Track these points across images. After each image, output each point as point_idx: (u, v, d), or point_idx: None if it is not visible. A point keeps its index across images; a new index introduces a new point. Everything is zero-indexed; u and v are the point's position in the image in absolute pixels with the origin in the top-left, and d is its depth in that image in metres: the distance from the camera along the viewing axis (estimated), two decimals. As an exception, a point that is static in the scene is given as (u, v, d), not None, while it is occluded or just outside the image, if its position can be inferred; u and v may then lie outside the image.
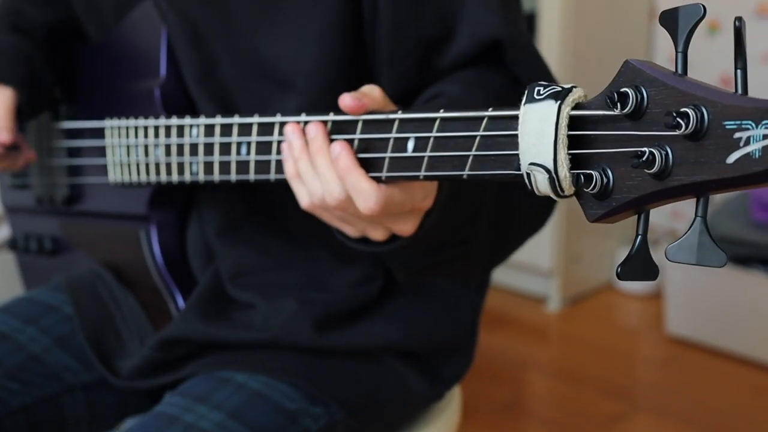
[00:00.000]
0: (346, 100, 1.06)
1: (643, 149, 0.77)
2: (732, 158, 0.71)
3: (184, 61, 1.34)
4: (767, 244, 3.11)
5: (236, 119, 1.20)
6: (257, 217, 1.37)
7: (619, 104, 0.79)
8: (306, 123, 1.11)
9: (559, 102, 0.85)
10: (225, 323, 1.36)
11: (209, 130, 1.23)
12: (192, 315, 1.36)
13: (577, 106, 0.85)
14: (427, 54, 1.26)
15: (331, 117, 1.09)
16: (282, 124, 1.14)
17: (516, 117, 0.89)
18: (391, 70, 1.26)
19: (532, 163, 0.86)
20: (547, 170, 0.85)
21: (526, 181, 0.88)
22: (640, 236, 0.82)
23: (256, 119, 1.17)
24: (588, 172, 0.83)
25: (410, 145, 1.01)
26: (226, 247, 1.38)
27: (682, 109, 0.74)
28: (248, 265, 1.38)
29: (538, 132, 0.85)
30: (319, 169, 1.08)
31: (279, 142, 1.14)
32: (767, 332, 3.12)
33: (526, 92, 0.88)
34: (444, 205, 1.11)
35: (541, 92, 0.86)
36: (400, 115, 1.02)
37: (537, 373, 3.25)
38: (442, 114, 0.98)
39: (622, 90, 0.79)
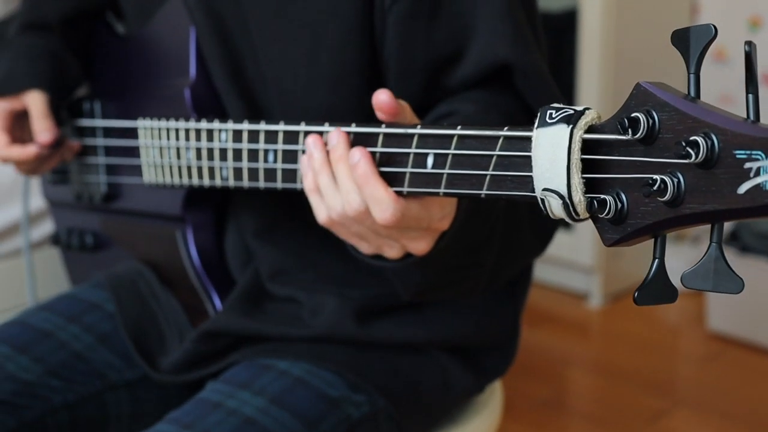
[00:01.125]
0: (383, 96, 1.05)
1: (654, 177, 0.76)
2: (743, 189, 0.70)
3: (212, 58, 1.34)
4: (810, 238, 3.08)
5: (263, 126, 1.19)
6: (294, 217, 1.37)
7: (630, 129, 0.78)
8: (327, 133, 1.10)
9: (571, 126, 0.84)
10: (266, 317, 1.37)
11: (237, 135, 1.23)
12: (233, 310, 1.37)
13: (590, 129, 0.84)
14: (436, 73, 1.26)
15: (354, 128, 1.08)
16: (306, 134, 1.13)
17: (530, 138, 0.88)
18: (399, 85, 1.25)
19: (545, 189, 0.85)
20: (561, 196, 0.84)
21: (541, 205, 0.87)
22: (657, 260, 0.81)
23: (281, 127, 1.17)
24: (602, 197, 0.82)
25: (430, 161, 1.00)
26: (263, 247, 1.38)
27: (692, 138, 0.73)
28: (286, 264, 1.38)
29: (550, 157, 0.85)
30: (340, 179, 1.06)
31: (305, 151, 1.14)
32: (810, 328, 3.09)
33: (538, 115, 0.87)
34: (460, 228, 1.11)
35: (553, 116, 0.85)
36: (419, 130, 1.02)
37: (578, 369, 3.24)
38: (459, 131, 0.98)
39: (633, 115, 0.78)
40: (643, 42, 3.44)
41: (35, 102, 1.46)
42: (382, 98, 1.05)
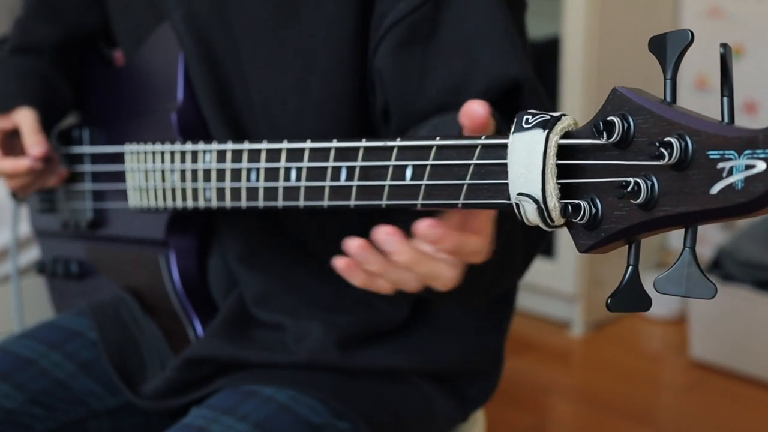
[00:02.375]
0: (475, 106, 0.96)
1: (628, 179, 0.76)
2: (715, 189, 0.70)
3: (199, 84, 1.34)
4: (792, 268, 3.08)
5: (246, 145, 1.19)
6: (278, 242, 1.37)
7: (605, 133, 0.78)
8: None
9: (547, 131, 0.84)
10: (251, 344, 1.36)
11: (221, 155, 1.23)
12: (217, 335, 1.36)
13: (566, 135, 0.84)
14: (437, 112, 1.22)
15: (334, 144, 1.08)
16: (289, 150, 1.13)
17: (507, 146, 0.88)
18: (399, 121, 1.24)
19: (520, 193, 0.85)
20: (536, 200, 0.84)
21: (516, 211, 0.87)
22: (631, 267, 0.81)
23: (264, 145, 1.17)
24: (576, 202, 0.82)
25: (408, 173, 1.00)
26: (248, 272, 1.38)
27: (666, 139, 0.73)
28: (271, 289, 1.37)
29: (526, 162, 0.84)
30: (421, 272, 0.99)
31: (286, 169, 1.14)
32: (792, 357, 3.09)
33: (515, 121, 0.87)
34: (489, 265, 1.04)
35: (530, 121, 0.85)
36: (398, 142, 1.01)
37: (560, 397, 3.23)
38: (438, 142, 0.97)
39: (609, 119, 0.78)
40: (626, 71, 3.45)
41: (25, 119, 1.47)
42: (475, 108, 0.96)
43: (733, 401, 3.08)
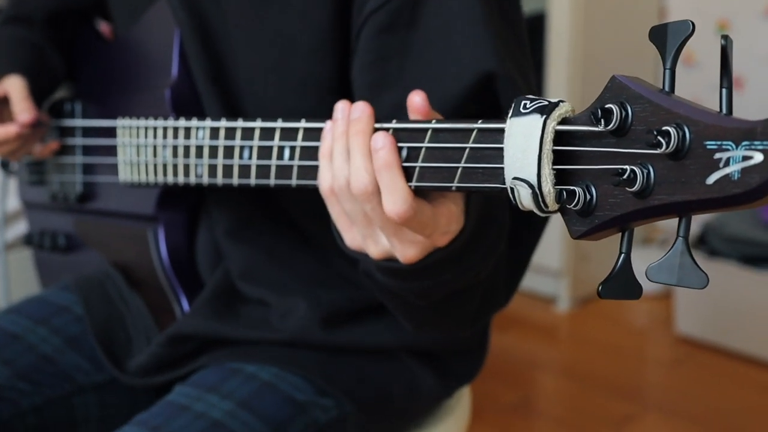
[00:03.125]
0: (415, 97, 1.01)
1: (624, 167, 0.76)
2: (712, 179, 0.70)
3: (193, 58, 1.34)
4: (777, 244, 3.10)
5: (239, 123, 1.19)
6: (266, 216, 1.37)
7: (603, 120, 0.78)
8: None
9: (544, 117, 0.84)
10: (236, 321, 1.36)
11: (214, 132, 1.23)
12: (202, 312, 1.36)
13: (563, 121, 0.84)
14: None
15: (329, 124, 1.07)
16: (283, 129, 1.13)
17: (503, 130, 0.88)
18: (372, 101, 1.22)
19: (515, 178, 0.85)
20: (531, 185, 0.84)
21: (510, 195, 0.87)
22: (623, 254, 0.81)
23: (258, 123, 1.17)
24: (571, 188, 0.82)
25: (403, 154, 1.00)
26: (235, 246, 1.38)
27: (664, 128, 0.73)
28: (257, 262, 1.38)
29: (522, 146, 0.85)
30: (354, 153, 1.01)
31: (279, 147, 1.14)
32: (777, 333, 3.11)
33: (512, 105, 0.87)
34: (456, 251, 1.06)
35: (528, 106, 0.85)
36: (394, 124, 1.01)
37: (546, 373, 3.24)
38: (433, 125, 0.97)
39: (607, 106, 0.78)
40: (611, 45, 3.46)
41: (14, 86, 1.47)
42: (416, 100, 1.01)
43: (718, 376, 3.10)
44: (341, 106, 1.05)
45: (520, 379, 3.15)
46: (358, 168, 1.00)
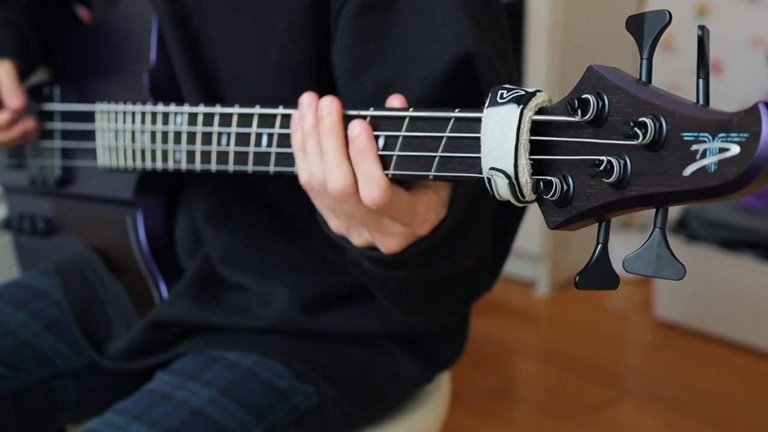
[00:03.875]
0: (393, 100, 1.02)
1: (601, 158, 0.76)
2: (688, 171, 0.70)
3: (171, 42, 1.33)
4: (756, 228, 3.10)
5: (218, 109, 1.19)
6: (246, 201, 1.37)
7: (579, 111, 0.78)
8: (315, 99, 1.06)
9: (521, 106, 0.84)
10: (217, 308, 1.36)
11: (192, 118, 1.23)
12: (182, 298, 1.36)
13: (540, 111, 0.84)
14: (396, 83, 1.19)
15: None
16: (261, 116, 1.13)
17: (481, 119, 0.87)
18: (348, 86, 1.21)
19: (492, 168, 0.85)
20: (507, 175, 0.84)
21: (487, 185, 0.87)
22: (600, 245, 0.81)
23: (236, 110, 1.17)
24: (548, 178, 0.82)
25: (381, 142, 0.99)
26: (214, 231, 1.38)
27: (641, 119, 0.73)
28: (237, 247, 1.37)
29: (499, 137, 0.84)
30: (327, 151, 1.01)
31: (257, 134, 1.13)
32: (755, 317, 3.12)
33: (489, 95, 0.86)
34: (436, 242, 1.06)
35: (504, 96, 0.85)
36: (371, 111, 1.01)
37: (525, 357, 3.25)
38: (411, 113, 0.97)
39: (584, 96, 0.78)
40: (591, 31, 3.46)
41: (5, 70, 1.46)
42: (395, 104, 1.02)
43: (697, 361, 3.11)
44: (306, 100, 1.05)
45: (499, 364, 3.15)
46: (334, 169, 1.01)
